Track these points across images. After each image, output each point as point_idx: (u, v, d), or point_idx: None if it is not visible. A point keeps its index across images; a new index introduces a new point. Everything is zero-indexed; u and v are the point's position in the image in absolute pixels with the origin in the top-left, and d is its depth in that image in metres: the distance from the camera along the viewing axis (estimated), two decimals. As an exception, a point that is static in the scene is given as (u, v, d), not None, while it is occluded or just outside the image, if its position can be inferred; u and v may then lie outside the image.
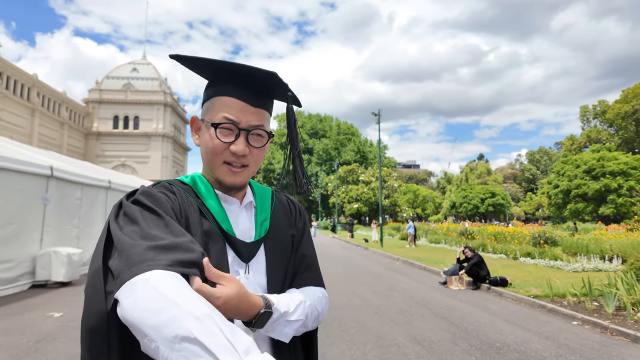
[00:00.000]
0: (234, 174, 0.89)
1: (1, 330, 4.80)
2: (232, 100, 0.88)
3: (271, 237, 0.95)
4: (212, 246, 0.85)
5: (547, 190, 44.51)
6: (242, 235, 0.91)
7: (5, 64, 41.69)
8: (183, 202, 0.87)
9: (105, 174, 12.75)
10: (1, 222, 6.81)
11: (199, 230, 0.84)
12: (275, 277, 0.92)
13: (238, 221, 0.93)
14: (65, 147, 50.92)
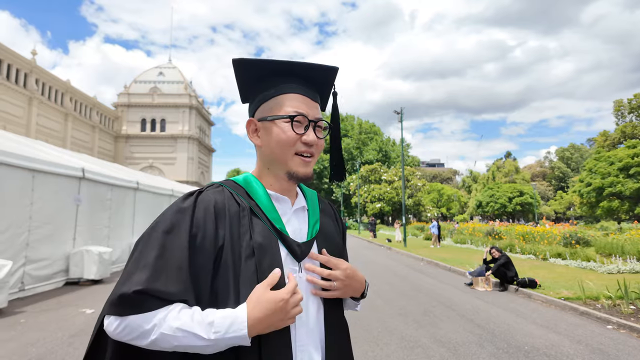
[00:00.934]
0: (305, 164, 0.94)
1: (39, 325, 5.03)
2: (297, 95, 0.95)
3: (322, 237, 1.00)
4: (266, 245, 0.88)
5: (578, 189, 42.80)
6: (293, 234, 0.94)
7: (41, 71, 43.66)
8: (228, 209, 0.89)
9: (133, 175, 13.15)
10: (39, 223, 7.13)
11: (248, 230, 0.88)
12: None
13: (290, 221, 0.96)
14: (97, 149, 52.84)
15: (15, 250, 6.55)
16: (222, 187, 0.95)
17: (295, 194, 1.02)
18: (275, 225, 0.91)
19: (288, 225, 0.95)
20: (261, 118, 0.96)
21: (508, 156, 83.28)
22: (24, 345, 4.26)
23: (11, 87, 38.89)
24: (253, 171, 1.02)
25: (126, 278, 0.79)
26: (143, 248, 0.83)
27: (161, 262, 0.80)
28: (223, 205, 0.89)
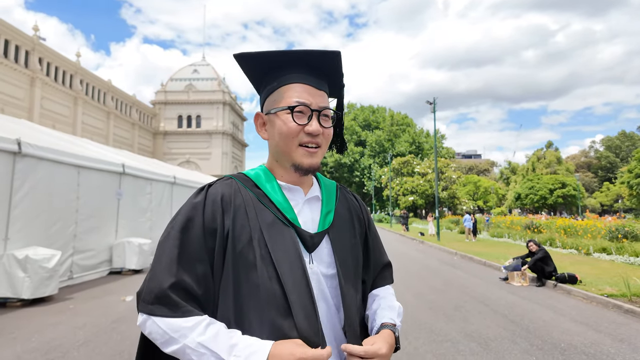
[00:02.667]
0: (310, 155, 0.93)
1: (85, 311, 5.39)
2: (299, 85, 0.93)
3: (336, 229, 0.98)
4: (276, 236, 0.89)
5: (627, 180, 40.22)
6: (305, 225, 0.94)
7: (85, 72, 46.05)
8: (233, 200, 0.92)
9: (170, 170, 13.67)
10: (84, 215, 7.59)
11: (257, 222, 0.89)
12: (346, 269, 0.96)
13: (301, 211, 0.96)
14: (137, 146, 55.23)
15: (64, 241, 7.01)
16: (232, 180, 0.97)
17: (310, 184, 1.02)
18: (286, 215, 0.92)
19: (300, 215, 0.95)
20: (267, 111, 0.97)
21: (549, 146, 79.31)
22: (73, 328, 4.59)
23: (59, 88, 41.32)
24: (265, 163, 1.04)
25: (152, 276, 0.85)
26: (165, 246, 0.87)
27: (184, 258, 0.85)
28: (230, 197, 0.92)
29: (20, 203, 6.10)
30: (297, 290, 0.85)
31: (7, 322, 4.81)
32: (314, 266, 0.91)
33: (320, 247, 0.94)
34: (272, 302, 0.84)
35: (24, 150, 6.10)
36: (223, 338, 0.79)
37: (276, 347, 0.78)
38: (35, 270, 5.66)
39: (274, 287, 0.85)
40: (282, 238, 0.89)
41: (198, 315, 0.82)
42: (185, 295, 0.83)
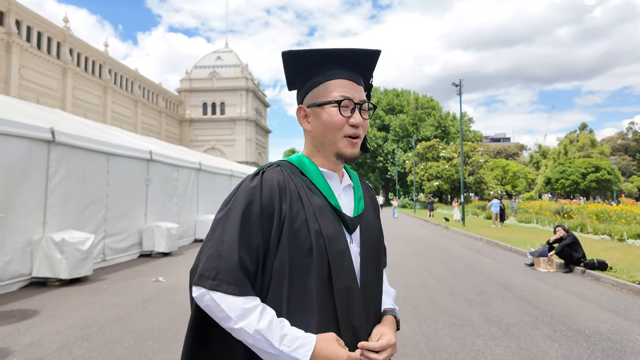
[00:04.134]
0: (352, 145, 1.01)
1: (118, 291, 5.69)
2: (343, 81, 1.01)
3: (365, 214, 1.08)
4: (326, 219, 0.98)
5: (668, 163, 38.02)
6: (344, 209, 1.03)
7: (113, 62, 47.25)
8: (287, 186, 0.99)
9: (196, 156, 13.98)
10: (114, 200, 7.93)
11: (310, 205, 0.98)
12: (369, 251, 1.04)
13: (340, 197, 1.05)
14: (164, 133, 56.61)
15: (96, 225, 7.36)
16: (280, 167, 1.04)
17: (342, 173, 1.10)
18: (331, 201, 1.01)
19: (339, 200, 1.04)
20: (310, 104, 1.04)
21: (583, 128, 75.78)
22: (106, 307, 4.86)
23: (89, 77, 42.64)
24: (303, 152, 1.10)
25: (214, 253, 0.90)
26: (226, 227, 0.92)
27: (245, 240, 0.91)
28: (284, 182, 0.99)
29: (56, 189, 6.42)
30: (343, 273, 0.95)
31: (48, 300, 5.15)
32: (353, 246, 1.01)
33: (356, 230, 1.04)
34: (322, 282, 0.93)
35: (58, 139, 6.39)
36: (276, 327, 0.86)
37: (320, 344, 0.87)
38: (72, 252, 5.99)
39: (323, 266, 0.93)
40: (331, 220, 0.99)
41: (254, 297, 0.89)
42: (246, 275, 0.90)
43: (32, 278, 5.96)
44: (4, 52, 32.22)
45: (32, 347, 3.57)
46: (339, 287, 0.93)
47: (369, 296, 1.00)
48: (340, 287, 0.94)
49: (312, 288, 0.92)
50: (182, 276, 6.76)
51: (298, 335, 0.88)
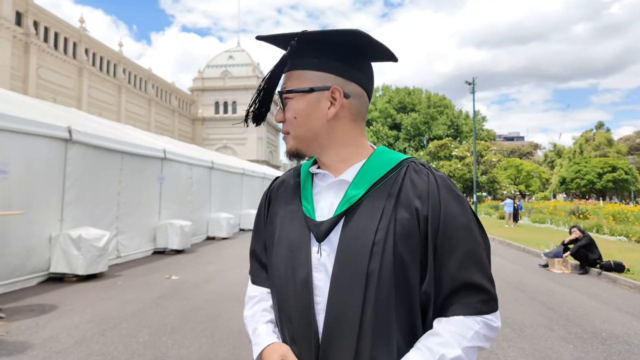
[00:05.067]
0: (285, 142, 0.91)
1: (132, 287, 5.79)
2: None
3: (357, 216, 0.81)
4: (295, 224, 0.88)
5: (689, 163, 37.04)
6: (321, 211, 0.86)
7: (127, 61, 47.93)
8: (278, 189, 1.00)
9: (209, 155, 14.12)
10: (126, 198, 8.05)
11: (286, 209, 0.93)
12: (344, 263, 0.79)
13: (322, 197, 0.88)
14: (177, 132, 57.23)
15: (109, 222, 7.49)
16: (295, 168, 1.03)
17: (346, 167, 0.88)
18: (302, 202, 0.90)
19: (320, 200, 0.88)
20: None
21: (599, 127, 74.16)
22: (121, 303, 4.95)
23: (104, 77, 43.35)
24: None
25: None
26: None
27: (256, 237, 1.03)
28: (279, 185, 1.01)
29: (72, 187, 6.56)
30: (295, 283, 0.83)
31: (66, 295, 5.27)
32: (322, 257, 0.83)
33: (333, 236, 0.83)
34: (280, 292, 0.87)
35: (74, 138, 6.52)
36: (254, 319, 0.93)
37: (267, 351, 0.84)
38: (88, 248, 6.11)
39: (280, 277, 0.87)
40: (298, 225, 0.88)
41: (261, 286, 0.98)
42: (261, 266, 1.00)
43: (49, 274, 6.10)
44: (22, 52, 32.95)
45: (51, 341, 3.66)
46: (291, 301, 0.84)
47: (344, 320, 0.77)
48: (292, 300, 0.84)
49: (275, 296, 0.90)
50: (195, 273, 6.85)
51: (260, 334, 0.88)
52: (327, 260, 0.82)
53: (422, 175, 0.83)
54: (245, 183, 15.56)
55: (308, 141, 0.87)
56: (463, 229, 0.79)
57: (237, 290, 5.65)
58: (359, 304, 0.76)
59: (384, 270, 0.77)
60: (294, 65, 0.86)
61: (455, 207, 0.80)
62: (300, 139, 0.87)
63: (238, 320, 4.35)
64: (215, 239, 11.78)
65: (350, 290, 0.77)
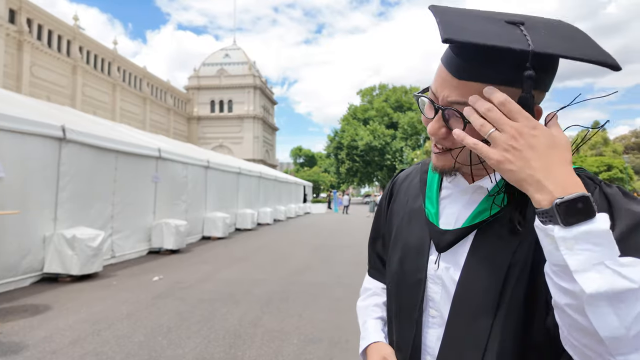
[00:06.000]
0: (435, 156, 0.74)
1: (127, 287, 5.75)
2: (440, 67, 0.68)
3: (492, 231, 0.70)
4: (416, 226, 0.82)
5: (682, 162, 37.40)
6: (447, 219, 0.77)
7: (121, 59, 47.67)
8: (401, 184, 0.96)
9: (204, 154, 14.06)
10: (121, 197, 7.99)
11: (407, 208, 0.88)
12: (474, 279, 0.70)
13: (451, 201, 0.79)
14: (172, 130, 57.03)
15: (103, 221, 7.44)
16: (421, 162, 0.94)
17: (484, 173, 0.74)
18: (426, 204, 0.82)
19: (447, 206, 0.79)
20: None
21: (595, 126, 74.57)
22: (117, 303, 4.92)
23: (98, 75, 43.10)
24: None
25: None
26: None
27: (375, 232, 1.04)
28: (402, 180, 0.97)
29: (67, 186, 6.50)
30: (407, 291, 0.80)
31: (60, 296, 5.23)
32: (441, 269, 0.75)
33: (457, 249, 0.74)
34: (391, 294, 0.87)
35: (69, 136, 6.47)
36: (366, 312, 0.97)
37: (371, 349, 0.88)
38: (82, 248, 6.07)
39: (393, 279, 0.86)
40: (413, 229, 0.82)
41: (376, 280, 1.01)
42: (379, 259, 1.01)
43: (43, 274, 6.05)
44: (16, 50, 32.67)
45: (46, 342, 3.63)
46: (402, 307, 0.81)
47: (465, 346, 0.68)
48: (402, 307, 0.81)
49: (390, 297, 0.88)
50: (190, 273, 6.82)
51: (368, 328, 0.93)
52: (446, 273, 0.74)
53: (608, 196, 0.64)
54: (241, 182, 15.52)
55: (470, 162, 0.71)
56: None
57: (233, 290, 5.63)
58: (486, 331, 0.67)
59: (517, 298, 0.65)
60: (478, 77, 0.62)
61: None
62: (466, 162, 0.71)
63: (234, 320, 4.34)
64: (211, 238, 11.74)
65: (477, 315, 0.68)
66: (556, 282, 0.52)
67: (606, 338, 0.48)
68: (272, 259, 8.53)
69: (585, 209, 0.50)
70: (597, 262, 0.48)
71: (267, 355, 3.44)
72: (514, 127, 0.55)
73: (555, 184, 0.52)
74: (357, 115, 57.79)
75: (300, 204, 28.02)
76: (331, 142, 59.19)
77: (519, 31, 0.59)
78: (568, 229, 0.50)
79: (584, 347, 0.51)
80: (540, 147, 0.54)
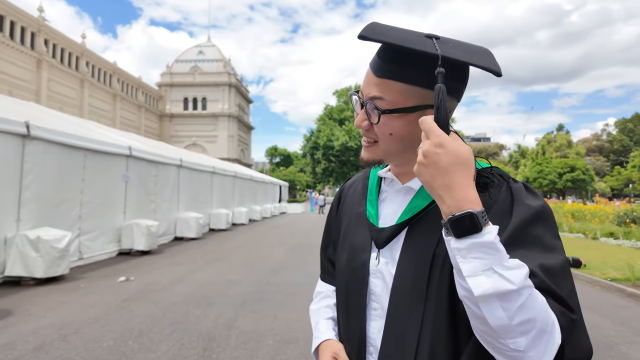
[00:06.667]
0: (364, 149, 0.83)
1: (96, 290, 5.55)
2: (368, 68, 0.79)
3: (421, 227, 0.78)
4: (360, 228, 0.89)
5: (638, 164, 39.65)
6: (385, 218, 0.85)
7: (90, 54, 45.95)
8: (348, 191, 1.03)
9: (177, 153, 13.76)
10: (90, 197, 7.71)
11: (353, 212, 0.95)
12: (406, 270, 0.77)
13: (388, 203, 0.87)
14: (143, 128, 55.44)
15: (70, 222, 7.15)
16: (367, 170, 1.00)
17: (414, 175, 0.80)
18: (367, 206, 0.90)
19: (385, 207, 0.87)
20: None
21: (560, 129, 78.02)
22: (84, 306, 4.74)
23: (65, 70, 41.36)
24: None
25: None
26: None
27: (327, 237, 1.08)
28: (349, 187, 1.03)
29: (31, 185, 6.21)
30: (353, 286, 0.86)
31: (23, 300, 4.98)
32: (381, 264, 0.82)
33: (393, 244, 0.81)
34: (340, 293, 0.92)
35: (33, 133, 6.18)
36: (318, 314, 1.00)
37: (322, 347, 0.91)
38: (47, 250, 5.81)
39: (341, 278, 0.92)
40: (357, 230, 0.90)
41: (328, 283, 1.04)
42: (328, 265, 1.06)
43: (4, 277, 5.75)
44: (-25, 41, 30.93)
45: (7, 348, 3.45)
46: (349, 303, 0.87)
47: (403, 332, 0.75)
48: (349, 302, 0.87)
49: (339, 295, 0.95)
50: (163, 275, 6.65)
51: (320, 328, 0.97)
52: (385, 268, 0.81)
53: (501, 189, 0.74)
54: (215, 182, 15.27)
55: (396, 154, 0.80)
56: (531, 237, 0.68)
57: (206, 292, 5.53)
58: (419, 317, 0.74)
59: (443, 285, 0.72)
60: (395, 76, 0.72)
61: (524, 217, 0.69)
62: (390, 153, 0.80)
63: (208, 322, 4.27)
64: (184, 239, 11.50)
65: (410, 302, 0.75)
66: (457, 280, 0.61)
67: (496, 327, 0.57)
68: (247, 259, 8.44)
69: (472, 225, 0.58)
70: (486, 268, 0.57)
71: (242, 357, 3.40)
72: (423, 146, 0.63)
73: (452, 201, 0.60)
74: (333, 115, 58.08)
75: (276, 204, 27.86)
76: (307, 142, 59.21)
77: (432, 42, 0.69)
78: (461, 240, 0.59)
79: (483, 333, 0.60)
80: (442, 165, 0.60)
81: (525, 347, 0.57)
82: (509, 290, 0.55)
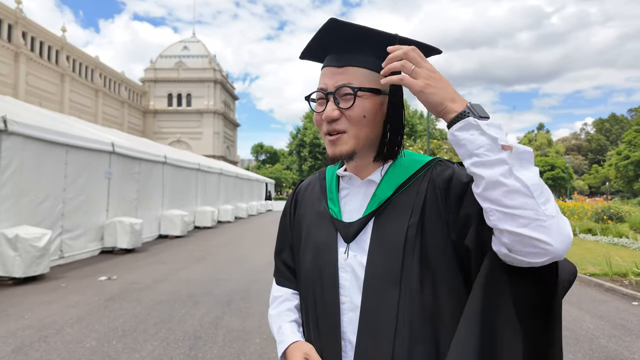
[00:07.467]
0: (332, 143, 0.83)
1: (78, 289, 5.43)
2: (324, 70, 0.86)
3: (387, 216, 0.82)
4: (323, 226, 0.91)
5: (615, 162, 40.88)
6: (350, 213, 0.87)
7: (71, 48, 44.75)
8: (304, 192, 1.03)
9: (161, 149, 13.54)
10: (72, 194, 7.53)
11: (313, 212, 0.96)
12: (378, 259, 0.80)
13: (351, 198, 0.90)
14: (126, 124, 54.35)
15: (52, 220, 6.97)
16: (321, 171, 1.04)
17: (373, 169, 0.88)
18: (329, 204, 0.92)
19: (349, 203, 0.89)
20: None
21: (540, 128, 79.79)
22: (65, 306, 4.63)
23: (44, 64, 40.16)
24: None
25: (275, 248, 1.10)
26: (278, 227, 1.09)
27: (281, 240, 1.07)
28: (305, 188, 1.04)
29: (8, 182, 6.02)
30: (322, 283, 0.86)
31: (0, 301, 4.83)
32: (350, 257, 0.84)
33: (361, 237, 0.84)
34: (307, 293, 0.91)
35: (10, 128, 5.98)
36: (279, 318, 0.97)
37: (291, 349, 0.89)
38: (26, 249, 5.65)
39: (307, 278, 0.92)
40: (327, 227, 0.90)
41: (285, 287, 1.02)
42: (286, 268, 1.03)
43: (-19, 277, 5.57)
44: (-52, 32, 29.75)
45: (-17, 351, 3.34)
46: (318, 301, 0.87)
47: (379, 321, 0.77)
48: (319, 300, 0.86)
49: (302, 297, 0.95)
50: (147, 273, 6.55)
51: (284, 332, 0.93)
52: (355, 260, 0.83)
53: (448, 168, 0.83)
54: (200, 179, 15.09)
55: (367, 142, 0.84)
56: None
57: (192, 290, 5.47)
58: (394, 304, 0.77)
59: (415, 267, 0.77)
60: (358, 62, 0.82)
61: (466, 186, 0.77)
62: (360, 139, 0.83)
63: (194, 320, 4.22)
64: (168, 237, 11.34)
65: (385, 290, 0.78)
66: (487, 161, 0.65)
67: (531, 186, 0.63)
68: (233, 257, 8.38)
69: (484, 111, 0.69)
70: (505, 135, 0.67)
71: (229, 356, 3.37)
72: (428, 64, 0.72)
73: (462, 98, 0.71)
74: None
75: (262, 202, 27.73)
76: (293, 140, 59.02)
77: (392, 35, 0.80)
78: (482, 119, 0.67)
79: (518, 209, 0.63)
80: (444, 79, 0.72)
81: (555, 213, 0.63)
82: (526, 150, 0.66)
